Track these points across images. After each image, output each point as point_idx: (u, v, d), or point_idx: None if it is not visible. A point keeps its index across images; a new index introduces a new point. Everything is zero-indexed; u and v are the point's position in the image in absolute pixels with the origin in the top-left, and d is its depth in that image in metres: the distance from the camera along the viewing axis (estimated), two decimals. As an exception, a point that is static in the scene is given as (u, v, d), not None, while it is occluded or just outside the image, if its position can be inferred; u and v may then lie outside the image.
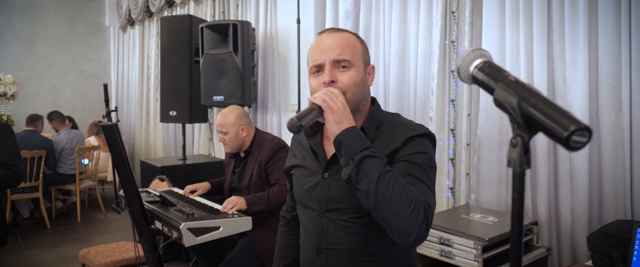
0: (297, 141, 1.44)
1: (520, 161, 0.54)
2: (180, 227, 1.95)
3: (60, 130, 5.32)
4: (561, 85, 2.21)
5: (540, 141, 2.25)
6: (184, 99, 3.96)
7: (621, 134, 2.03)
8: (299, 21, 3.30)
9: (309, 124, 1.15)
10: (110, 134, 2.14)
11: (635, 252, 1.64)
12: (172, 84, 4.01)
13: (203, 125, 4.82)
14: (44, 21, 7.21)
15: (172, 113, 4.01)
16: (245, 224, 2.15)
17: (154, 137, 6.07)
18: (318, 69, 1.24)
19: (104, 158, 5.73)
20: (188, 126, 5.07)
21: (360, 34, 3.08)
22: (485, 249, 1.98)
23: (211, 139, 4.73)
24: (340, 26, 3.21)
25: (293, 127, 1.09)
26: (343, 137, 1.10)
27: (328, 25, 3.29)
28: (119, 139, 2.15)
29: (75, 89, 7.51)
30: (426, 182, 1.16)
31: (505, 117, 2.36)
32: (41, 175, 4.73)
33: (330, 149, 1.30)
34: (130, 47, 6.88)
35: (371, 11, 3.03)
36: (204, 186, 2.68)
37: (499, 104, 0.59)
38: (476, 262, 1.97)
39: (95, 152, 5.41)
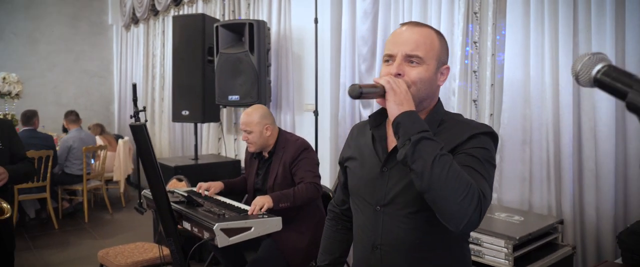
0: (356, 134, 1.44)
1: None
2: (214, 228, 1.95)
3: (71, 130, 5.29)
4: (587, 85, 2.23)
5: (565, 142, 2.28)
6: (197, 98, 3.95)
7: (647, 134, 2.06)
8: (316, 21, 3.30)
9: (369, 97, 1.17)
10: (139, 134, 2.14)
11: (669, 251, 1.67)
12: (185, 84, 4.01)
13: (212, 125, 4.82)
14: (47, 20, 7.17)
15: (185, 112, 4.01)
16: (275, 224, 2.16)
17: (160, 136, 6.05)
18: (389, 58, 1.26)
19: (110, 158, 5.70)
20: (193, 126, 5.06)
21: (378, 35, 3.10)
22: (515, 248, 2.00)
23: (221, 138, 4.72)
24: (358, 26, 3.22)
25: (354, 91, 1.13)
26: (402, 119, 1.11)
27: (345, 26, 3.30)
28: (148, 140, 2.15)
29: (78, 88, 7.47)
30: (484, 175, 1.15)
31: (528, 117, 2.40)
32: (49, 175, 4.71)
33: (391, 144, 1.30)
34: (134, 45, 6.85)
35: (390, 12, 3.04)
36: (218, 185, 2.64)
37: (634, 107, 0.59)
38: (507, 261, 1.99)
39: (101, 152, 5.38)
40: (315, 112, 3.42)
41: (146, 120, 2.09)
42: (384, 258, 1.28)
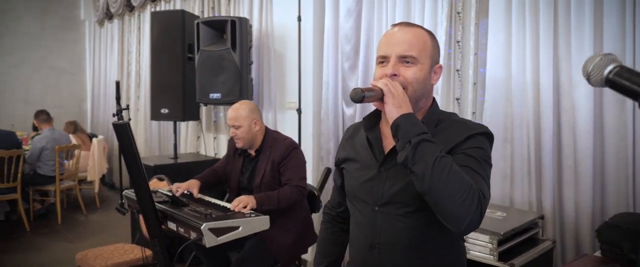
0: (350, 135, 1.45)
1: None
2: (202, 227, 1.93)
3: (43, 130, 5.12)
4: (566, 85, 2.30)
5: (545, 139, 2.34)
6: (177, 96, 3.89)
7: (624, 131, 2.13)
8: (299, 19, 3.30)
9: (370, 101, 1.18)
10: (123, 133, 2.10)
11: (647, 244, 1.74)
12: (164, 81, 3.93)
13: (191, 123, 4.75)
14: (12, 14, 6.90)
15: (164, 111, 3.94)
16: (263, 223, 2.15)
17: (135, 135, 5.93)
18: (383, 60, 1.27)
19: (84, 157, 5.56)
20: (171, 124, 4.97)
21: (362, 33, 3.11)
22: (500, 243, 2.04)
23: (200, 137, 4.66)
24: (341, 24, 3.23)
25: (356, 95, 1.14)
26: (401, 121, 1.13)
27: (328, 24, 3.31)
28: (132, 138, 2.11)
29: (47, 85, 7.23)
30: (482, 174, 1.17)
31: (509, 115, 2.45)
32: (19, 175, 4.55)
33: (387, 145, 1.32)
34: (108, 42, 6.69)
35: (374, 10, 3.06)
36: (195, 183, 2.60)
37: None
38: (492, 256, 2.03)
39: (75, 152, 5.24)
40: (298, 110, 3.41)
41: (130, 119, 2.05)
42: (382, 257, 1.29)
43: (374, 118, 1.37)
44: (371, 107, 1.29)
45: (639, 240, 1.76)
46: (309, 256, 3.35)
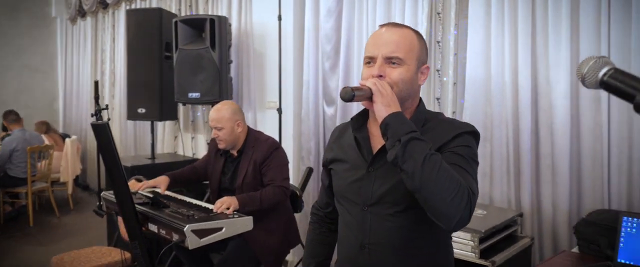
0: (338, 136, 1.45)
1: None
2: (185, 229, 1.90)
3: (13, 131, 4.95)
4: (544, 85, 2.35)
5: (524, 139, 2.39)
6: (154, 95, 3.82)
7: (600, 131, 2.19)
8: (280, 18, 3.28)
9: (359, 100, 1.18)
10: (102, 133, 2.05)
11: (622, 239, 1.79)
12: (141, 80, 3.86)
13: (168, 123, 4.68)
14: (-20, 11, 6.68)
15: (141, 110, 3.86)
16: (246, 224, 2.13)
17: (110, 135, 5.80)
18: (370, 60, 1.27)
19: (57, 158, 5.41)
20: (148, 124, 4.88)
21: (342, 33, 3.12)
22: (481, 241, 2.07)
23: (177, 137, 4.59)
24: (322, 24, 3.23)
25: (346, 94, 1.15)
26: (390, 120, 1.13)
27: (308, 23, 3.30)
28: (111, 139, 2.06)
29: (19, 84, 7.01)
30: (470, 172, 1.19)
31: (489, 115, 2.49)
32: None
33: (375, 144, 1.32)
34: (80, 40, 6.53)
35: (354, 10, 3.06)
36: (164, 180, 2.54)
37: None
38: (474, 254, 2.06)
39: (48, 152, 5.09)
40: (279, 110, 3.40)
41: (109, 119, 2.00)
42: (372, 257, 1.29)
43: (362, 118, 1.37)
44: (352, 107, 1.29)
45: (615, 236, 1.81)
46: (291, 256, 3.33)
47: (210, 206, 2.31)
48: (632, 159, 2.09)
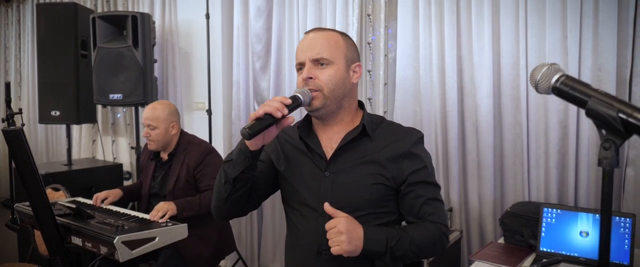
0: (285, 140, 1.42)
1: (613, 161, 0.63)
2: (115, 241, 1.77)
3: None
4: (469, 85, 2.47)
5: (452, 136, 2.50)
6: (70, 97, 3.54)
7: (519, 128, 2.35)
8: (208, 16, 3.17)
9: (260, 132, 1.16)
10: (15, 140, 1.86)
11: (544, 229, 1.93)
12: (54, 81, 3.55)
13: (84, 126, 4.36)
14: None
15: (55, 113, 3.56)
16: (181, 232, 2.03)
17: (17, 140, 5.30)
18: (300, 66, 1.30)
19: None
20: (61, 128, 4.54)
21: (273, 33, 3.08)
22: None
23: (95, 140, 4.30)
24: (252, 24, 3.17)
25: (244, 135, 1.14)
26: (367, 249, 1.19)
27: (237, 22, 3.22)
28: (26, 146, 1.88)
29: None
30: (440, 199, 1.33)
31: (418, 114, 2.58)
32: None
33: (327, 149, 1.33)
34: (-22, 36, 5.90)
35: (284, 10, 3.04)
36: (116, 192, 2.45)
37: (594, 114, 0.67)
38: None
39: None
40: (208, 111, 3.29)
41: (23, 124, 1.81)
42: (330, 263, 1.29)
43: (307, 124, 1.37)
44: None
45: (537, 226, 1.95)
46: (224, 261, 3.24)
47: (140, 215, 2.18)
48: (549, 154, 2.27)
